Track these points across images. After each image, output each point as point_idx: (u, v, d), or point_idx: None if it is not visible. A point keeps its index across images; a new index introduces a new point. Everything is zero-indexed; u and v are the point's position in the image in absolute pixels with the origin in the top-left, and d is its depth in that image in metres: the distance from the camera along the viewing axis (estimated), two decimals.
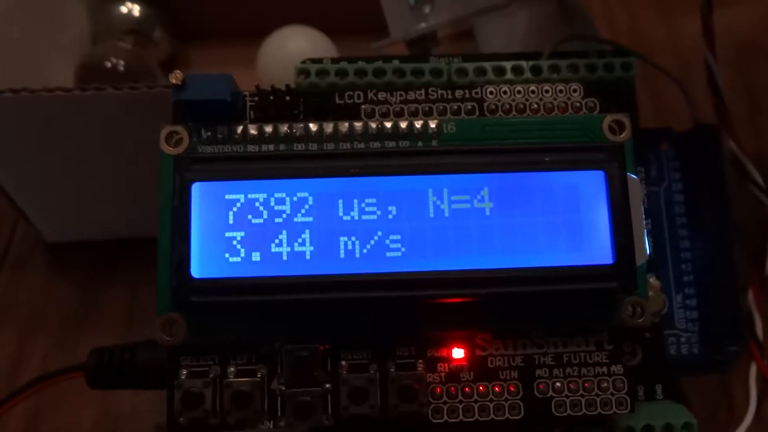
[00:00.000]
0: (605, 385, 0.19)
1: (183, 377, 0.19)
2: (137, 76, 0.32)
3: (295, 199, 0.18)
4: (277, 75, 0.33)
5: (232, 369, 0.19)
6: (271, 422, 0.19)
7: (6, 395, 0.23)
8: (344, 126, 0.19)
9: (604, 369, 0.19)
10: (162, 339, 0.18)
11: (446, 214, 0.18)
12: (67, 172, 0.27)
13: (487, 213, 0.18)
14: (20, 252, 0.31)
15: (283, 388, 0.19)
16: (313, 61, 0.21)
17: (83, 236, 0.31)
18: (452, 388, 0.19)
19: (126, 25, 0.35)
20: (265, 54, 0.34)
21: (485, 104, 0.20)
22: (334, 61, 0.21)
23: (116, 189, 0.28)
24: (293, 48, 0.33)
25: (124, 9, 0.36)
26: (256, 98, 0.20)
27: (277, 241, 0.18)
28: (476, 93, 0.20)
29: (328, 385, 0.19)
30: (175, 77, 0.18)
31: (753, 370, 0.25)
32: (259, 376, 0.19)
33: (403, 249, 0.18)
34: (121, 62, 0.33)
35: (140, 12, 0.36)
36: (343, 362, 0.19)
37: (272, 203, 0.18)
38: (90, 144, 0.26)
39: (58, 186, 0.28)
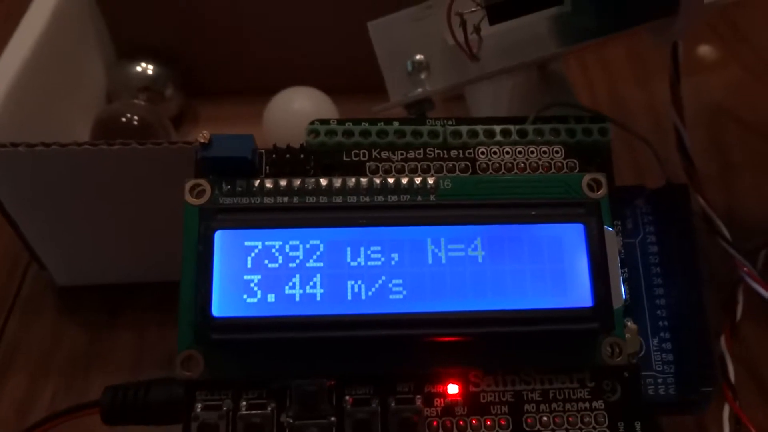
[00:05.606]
0: (588, 419, 0.20)
1: (199, 410, 0.20)
2: (151, 131, 0.34)
3: (307, 246, 0.20)
4: (282, 132, 0.35)
5: (244, 403, 0.20)
6: None
7: None
8: (351, 181, 0.21)
9: (587, 404, 0.20)
10: (181, 374, 0.20)
11: (443, 261, 0.20)
12: (87, 220, 0.28)
13: (480, 260, 0.20)
14: (31, 295, 0.32)
15: (291, 420, 0.20)
16: (321, 122, 0.22)
17: (93, 280, 0.31)
18: (447, 422, 0.20)
19: (140, 83, 0.37)
20: (271, 112, 0.36)
21: (477, 163, 0.22)
22: (340, 122, 0.22)
23: (132, 237, 0.29)
24: (298, 107, 0.35)
25: (138, 68, 0.38)
26: (274, 155, 0.21)
27: (290, 283, 0.19)
28: (469, 153, 0.22)
29: (333, 418, 0.20)
30: (203, 136, 0.20)
31: (726, 410, 0.26)
32: (269, 409, 0.20)
33: (404, 292, 0.20)
34: (136, 117, 0.34)
35: (153, 71, 0.38)
36: (347, 397, 0.20)
37: (287, 249, 0.20)
38: (111, 194, 0.27)
39: (76, 233, 0.29)
